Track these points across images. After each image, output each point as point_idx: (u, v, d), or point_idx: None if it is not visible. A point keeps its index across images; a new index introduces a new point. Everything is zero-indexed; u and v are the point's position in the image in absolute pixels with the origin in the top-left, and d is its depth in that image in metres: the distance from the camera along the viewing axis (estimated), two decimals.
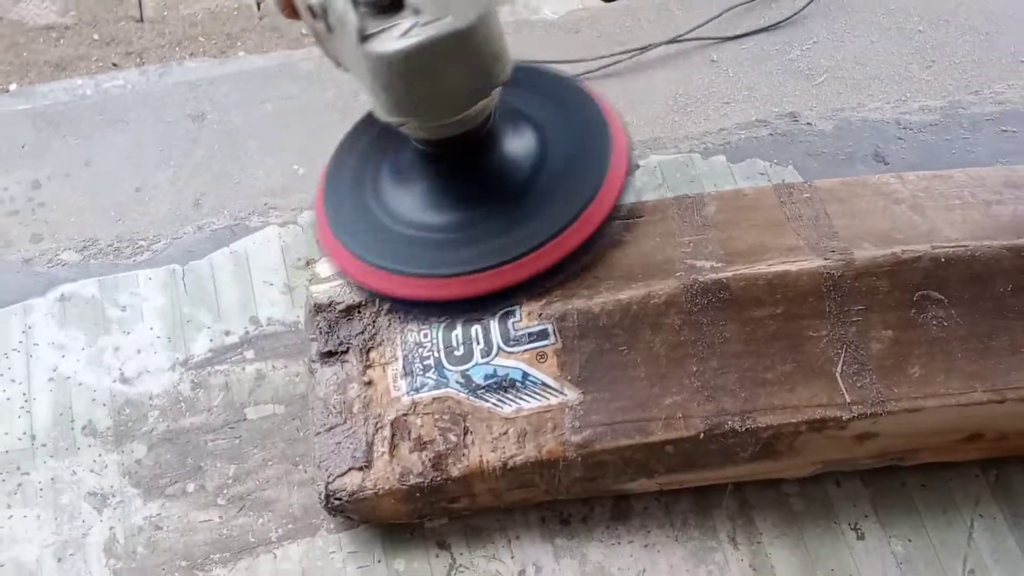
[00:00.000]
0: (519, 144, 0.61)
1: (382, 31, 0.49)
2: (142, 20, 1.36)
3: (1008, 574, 0.62)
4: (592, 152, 0.61)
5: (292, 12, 0.55)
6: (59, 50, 1.33)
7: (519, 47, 0.82)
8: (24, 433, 0.67)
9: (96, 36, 1.35)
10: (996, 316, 0.63)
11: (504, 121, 0.59)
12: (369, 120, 0.61)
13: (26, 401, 0.68)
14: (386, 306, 0.69)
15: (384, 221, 0.60)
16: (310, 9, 0.51)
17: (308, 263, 0.73)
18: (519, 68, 0.61)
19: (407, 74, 0.50)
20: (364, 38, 0.49)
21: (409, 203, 0.60)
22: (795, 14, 0.82)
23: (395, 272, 0.58)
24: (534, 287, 0.57)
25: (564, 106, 0.63)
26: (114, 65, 1.45)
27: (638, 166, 0.62)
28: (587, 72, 0.80)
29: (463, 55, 0.50)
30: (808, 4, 0.83)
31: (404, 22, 0.48)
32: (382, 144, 0.62)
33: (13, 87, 0.86)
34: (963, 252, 0.64)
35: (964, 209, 0.68)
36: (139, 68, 0.85)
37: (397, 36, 0.48)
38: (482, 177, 0.59)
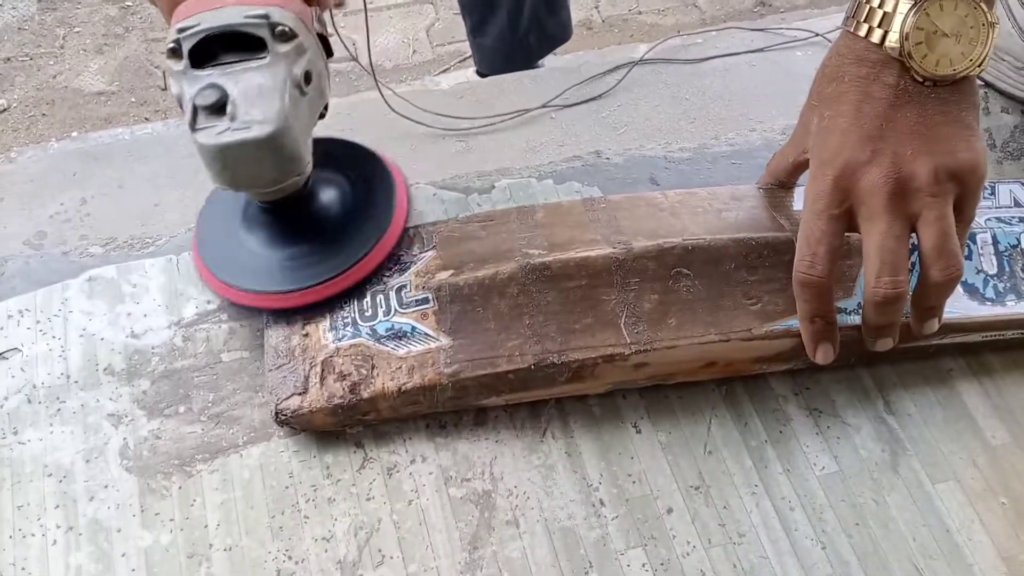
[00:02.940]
0: (330, 198, 0.57)
1: (207, 127, 0.44)
2: (166, 89, 1.27)
3: (733, 453, 0.58)
4: (382, 202, 0.58)
5: None
6: (107, 109, 1.23)
7: (424, 108, 0.75)
8: (62, 373, 0.59)
9: (133, 99, 1.26)
10: (724, 285, 0.59)
11: (319, 182, 0.56)
12: None
13: (63, 351, 0.60)
14: None
15: (238, 253, 0.57)
16: (176, 96, 0.47)
17: None
18: (330, 140, 0.59)
19: (219, 162, 0.46)
20: (193, 129, 0.45)
21: (254, 240, 0.57)
22: (608, 91, 0.78)
23: (245, 290, 0.56)
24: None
25: (363, 168, 0.60)
26: (145, 119, 1.35)
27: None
28: (471, 127, 0.75)
29: (260, 156, 0.46)
30: (617, 83, 0.78)
31: (222, 124, 0.44)
32: (238, 197, 0.58)
33: (74, 134, 0.77)
34: (703, 243, 0.60)
35: (705, 214, 0.63)
36: (163, 121, 0.77)
37: (215, 133, 0.44)
38: (304, 223, 0.56)
